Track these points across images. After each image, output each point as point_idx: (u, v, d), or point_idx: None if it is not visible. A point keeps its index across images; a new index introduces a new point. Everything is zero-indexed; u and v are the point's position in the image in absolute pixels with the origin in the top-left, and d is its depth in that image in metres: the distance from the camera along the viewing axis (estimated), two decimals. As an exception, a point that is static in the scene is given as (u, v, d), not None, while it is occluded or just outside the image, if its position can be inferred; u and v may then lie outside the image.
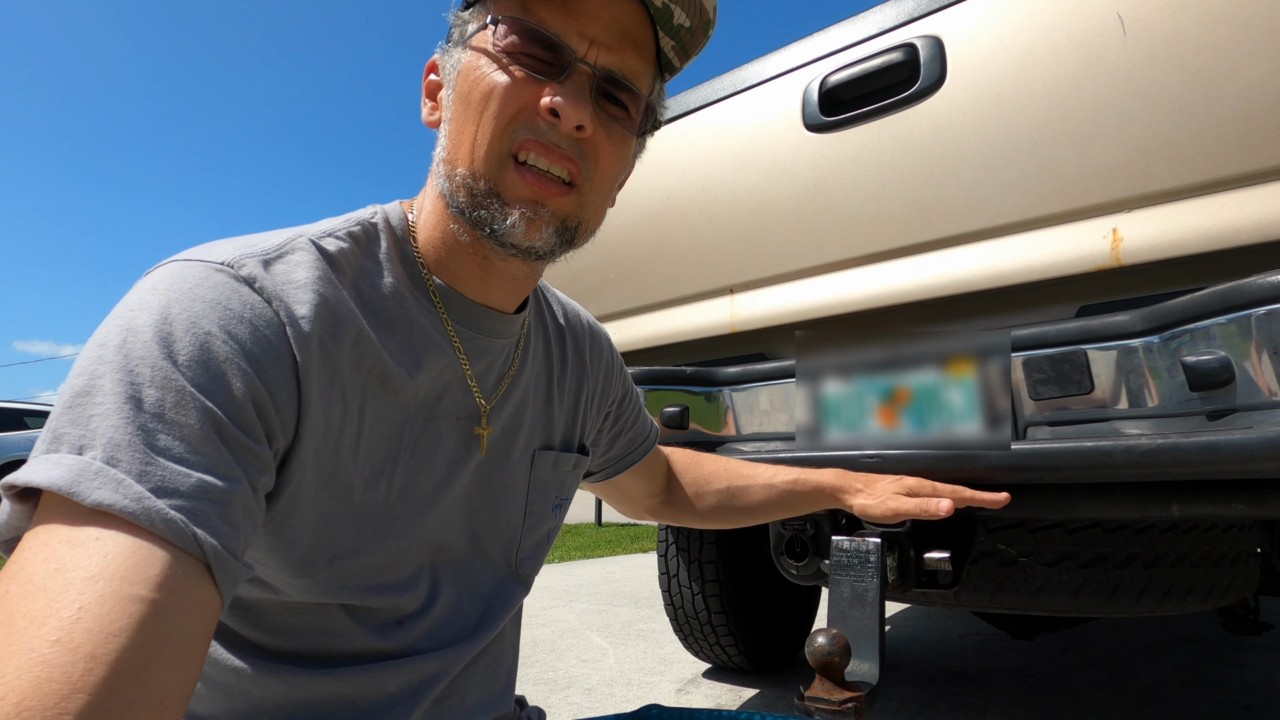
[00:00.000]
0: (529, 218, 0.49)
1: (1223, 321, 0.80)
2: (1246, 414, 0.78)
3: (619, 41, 0.50)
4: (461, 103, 0.50)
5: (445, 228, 0.53)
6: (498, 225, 0.49)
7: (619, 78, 0.51)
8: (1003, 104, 1.05)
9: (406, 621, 0.54)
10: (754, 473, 0.87)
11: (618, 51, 0.50)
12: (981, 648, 2.42)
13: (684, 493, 0.87)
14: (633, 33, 0.51)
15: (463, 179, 0.49)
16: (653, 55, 0.53)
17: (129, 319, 0.40)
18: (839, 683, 0.76)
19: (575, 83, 0.49)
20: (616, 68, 0.50)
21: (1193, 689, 1.90)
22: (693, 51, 0.55)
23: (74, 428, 0.36)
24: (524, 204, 0.49)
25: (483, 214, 0.49)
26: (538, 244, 0.50)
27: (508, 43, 0.49)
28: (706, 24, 0.54)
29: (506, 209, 0.48)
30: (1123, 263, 0.95)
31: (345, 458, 0.49)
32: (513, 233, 0.49)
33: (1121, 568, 1.07)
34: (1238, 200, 0.88)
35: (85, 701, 0.29)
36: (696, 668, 2.26)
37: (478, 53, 0.50)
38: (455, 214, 0.51)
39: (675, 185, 1.40)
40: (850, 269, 1.19)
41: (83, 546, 0.33)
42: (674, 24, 0.52)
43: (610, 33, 0.49)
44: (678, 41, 0.54)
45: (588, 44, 0.49)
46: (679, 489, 0.88)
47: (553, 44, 0.48)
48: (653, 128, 0.57)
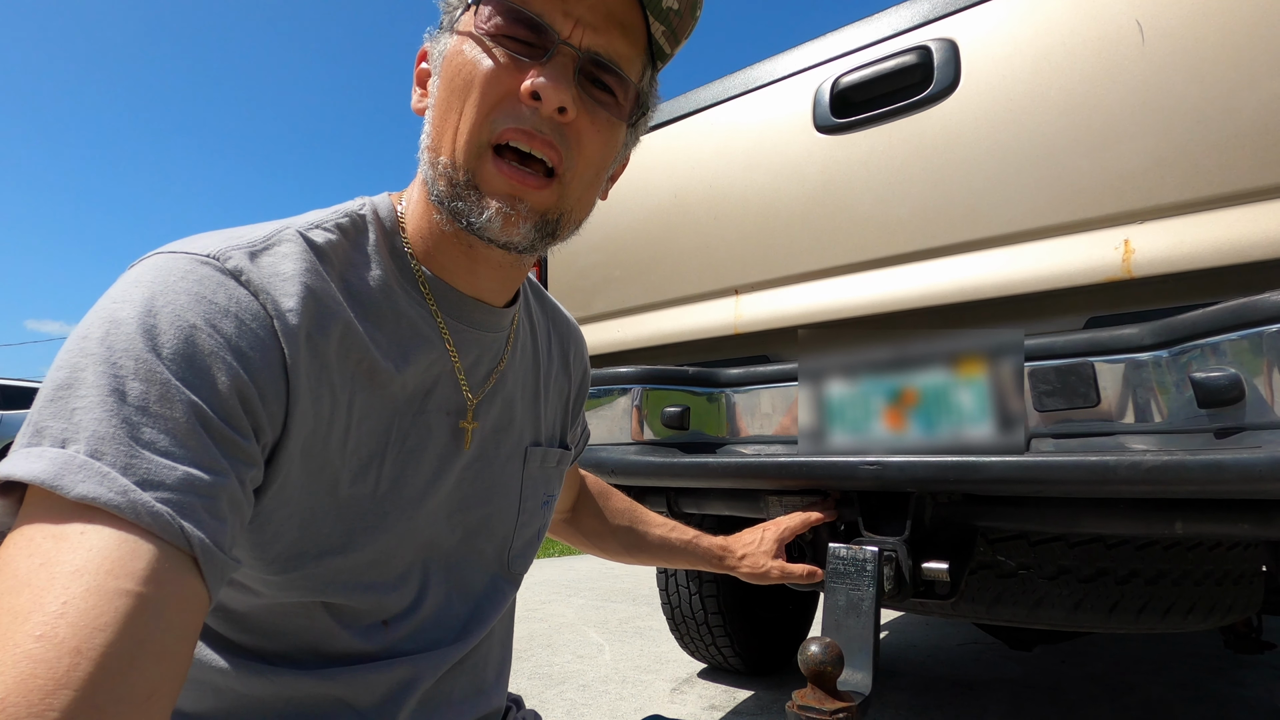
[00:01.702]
0: (505, 213, 0.48)
1: (1234, 338, 0.79)
2: (1255, 433, 0.76)
3: (605, 23, 0.49)
4: (446, 89, 0.49)
5: (430, 217, 0.52)
6: (474, 219, 0.48)
7: (605, 60, 0.49)
8: (1016, 110, 1.03)
9: (392, 622, 0.53)
10: (656, 520, 0.95)
11: (604, 33, 0.49)
12: (979, 657, 2.41)
13: (590, 513, 0.90)
14: (619, 15, 0.50)
15: (444, 168, 0.48)
16: (643, 41, 0.52)
17: (112, 311, 0.39)
18: (831, 692, 0.75)
19: (558, 64, 0.48)
20: (602, 49, 0.49)
21: (1192, 705, 1.88)
22: (682, 36, 0.54)
23: (56, 420, 0.35)
24: (501, 198, 0.48)
25: (460, 205, 0.48)
26: (515, 239, 0.49)
27: (491, 24, 0.48)
28: (693, 4, 0.52)
29: (483, 202, 0.48)
30: (1134, 275, 0.93)
31: (333, 451, 0.48)
32: (489, 227, 0.48)
33: (1123, 584, 1.06)
34: (1253, 215, 0.86)
35: (71, 697, 0.28)
36: (692, 667, 2.26)
37: (463, 37, 0.49)
38: (436, 203, 0.50)
39: (683, 184, 1.39)
40: (857, 273, 1.18)
41: (67, 540, 0.32)
42: (662, 7, 0.51)
43: (596, 13, 0.49)
44: (667, 25, 0.52)
45: (572, 24, 0.48)
46: (586, 509, 0.90)
47: (535, 24, 0.47)
48: (644, 117, 0.56)
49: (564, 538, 0.91)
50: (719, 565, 0.98)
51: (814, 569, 1.00)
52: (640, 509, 0.95)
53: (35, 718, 0.27)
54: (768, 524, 1.03)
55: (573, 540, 0.91)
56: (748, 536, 1.01)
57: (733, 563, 0.98)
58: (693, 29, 0.55)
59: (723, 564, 0.98)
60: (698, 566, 0.97)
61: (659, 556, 0.94)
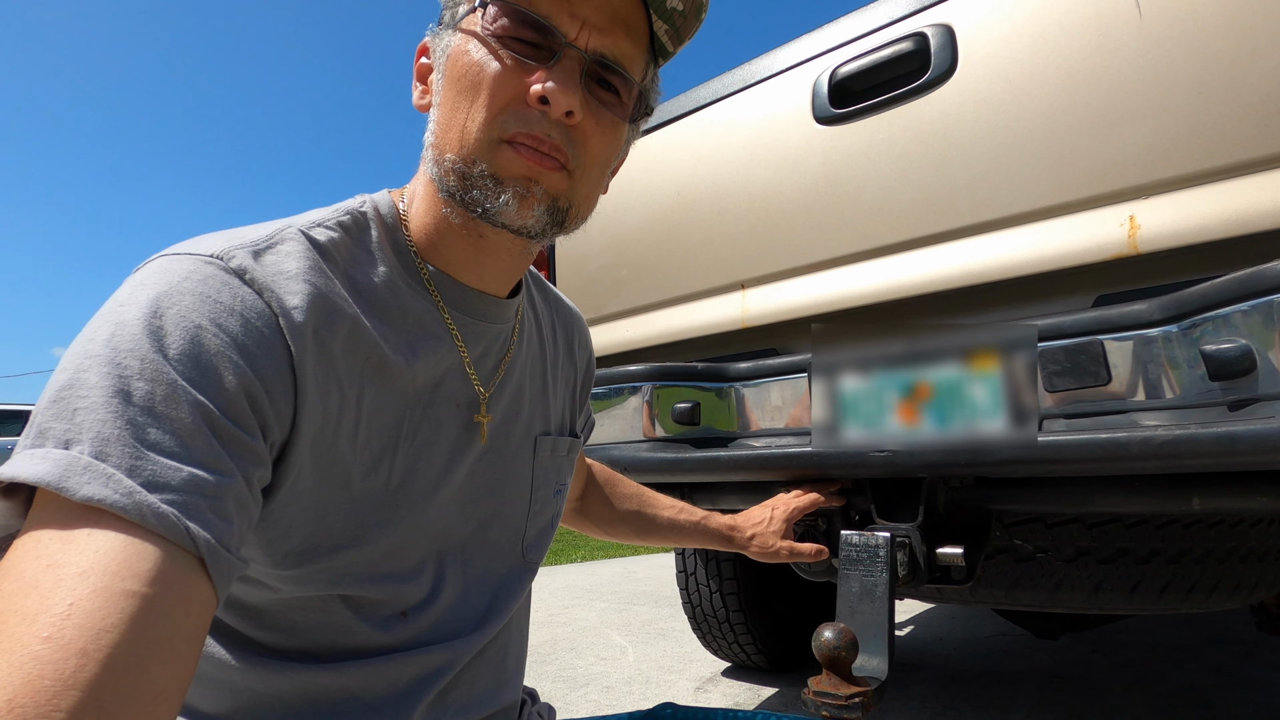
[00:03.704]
0: (521, 195, 0.48)
1: (1244, 308, 0.78)
2: (1269, 403, 0.75)
3: (610, 24, 0.49)
4: (451, 88, 0.50)
5: (437, 212, 0.53)
6: (491, 204, 0.48)
7: (610, 62, 0.50)
8: (1016, 91, 1.03)
9: (411, 613, 0.53)
10: (664, 502, 0.96)
11: (609, 34, 0.49)
12: (1007, 648, 2.38)
13: (598, 499, 0.92)
14: (625, 15, 0.50)
15: (452, 164, 0.49)
16: (645, 39, 0.53)
17: (117, 314, 0.39)
18: (846, 678, 0.75)
19: (565, 67, 0.48)
20: (608, 51, 0.50)
21: (1226, 690, 1.85)
22: (685, 36, 0.55)
23: (59, 421, 0.35)
24: (517, 181, 0.48)
25: (475, 194, 0.48)
26: (529, 222, 0.50)
27: (497, 26, 0.48)
28: (699, 7, 0.53)
29: (500, 187, 0.48)
30: (1140, 251, 0.92)
31: (344, 447, 0.49)
32: (505, 210, 0.48)
33: (1143, 564, 1.04)
34: (1260, 184, 0.85)
35: (77, 698, 0.29)
36: (715, 666, 2.25)
37: (467, 36, 0.50)
38: (446, 198, 0.51)
39: (686, 181, 1.40)
40: (862, 262, 1.17)
41: (74, 542, 0.32)
42: (667, 7, 0.51)
43: (602, 14, 0.49)
44: (670, 25, 0.53)
45: (579, 25, 0.48)
46: (594, 496, 0.91)
47: (542, 27, 0.48)
48: (645, 114, 0.56)
49: (574, 525, 0.91)
50: (728, 544, 0.99)
51: (822, 548, 1.01)
52: (648, 492, 0.96)
53: (42, 719, 0.28)
54: (776, 502, 1.03)
55: (582, 527, 0.92)
56: (756, 515, 1.01)
57: (742, 542, 0.99)
58: (697, 29, 0.55)
59: (731, 543, 0.99)
60: (707, 545, 0.98)
61: (669, 538, 0.95)
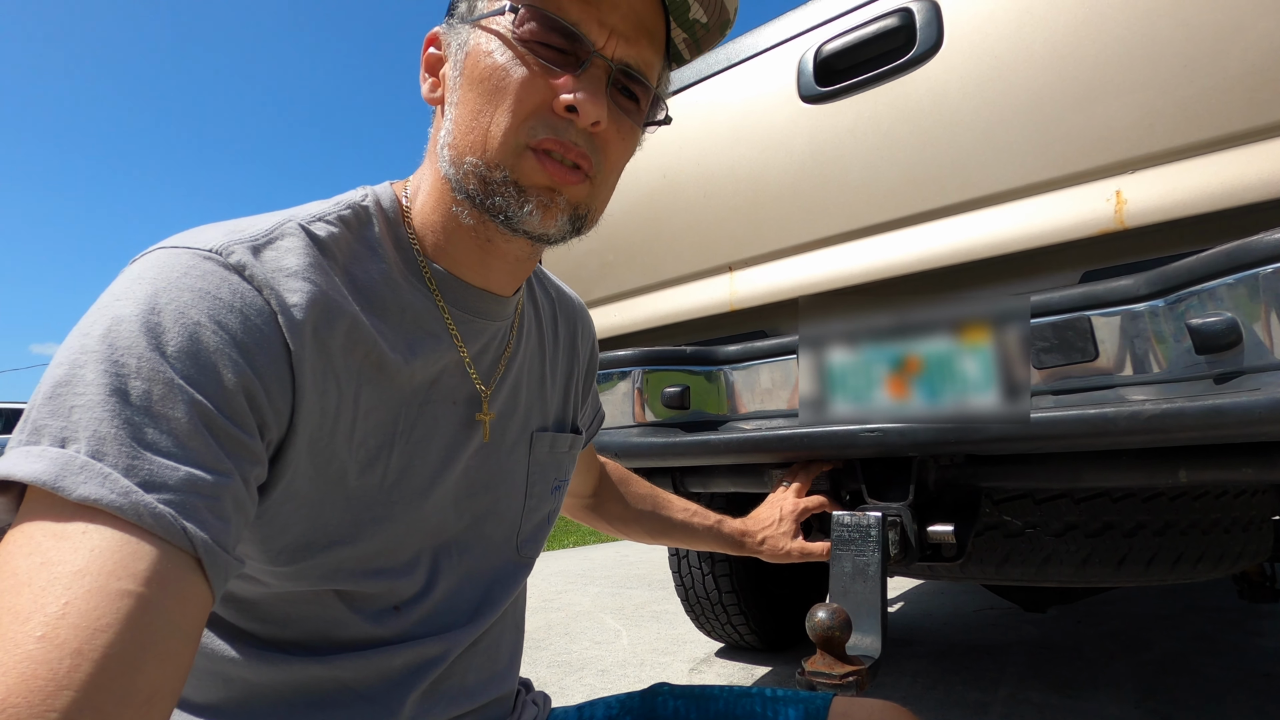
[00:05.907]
0: (545, 205, 0.48)
1: (1229, 282, 0.78)
2: (1254, 376, 0.76)
3: (636, 32, 0.49)
4: (471, 88, 0.49)
5: (447, 210, 0.52)
6: (514, 213, 0.48)
7: (634, 71, 0.50)
8: (1001, 66, 1.02)
9: (404, 607, 0.53)
10: (678, 504, 0.96)
11: (635, 43, 0.50)
12: (995, 621, 2.42)
13: (613, 499, 0.92)
14: (648, 23, 0.50)
15: (473, 167, 0.48)
16: (663, 45, 0.53)
17: (114, 308, 0.39)
18: (840, 656, 0.76)
19: (592, 76, 0.48)
20: (633, 60, 0.50)
21: (1209, 657, 1.89)
22: (705, 47, 0.55)
23: (55, 419, 0.35)
24: (541, 191, 0.48)
25: (497, 200, 0.48)
26: (551, 231, 0.50)
27: (525, 30, 0.47)
28: (725, 24, 0.54)
29: (524, 196, 0.48)
30: (1126, 225, 0.92)
31: (340, 444, 0.48)
32: (529, 220, 0.48)
33: (1130, 536, 1.05)
34: (1245, 157, 0.85)
35: (72, 698, 0.28)
36: (709, 648, 2.28)
37: (490, 35, 0.49)
38: (462, 199, 0.50)
39: (672, 164, 1.39)
40: (849, 242, 1.17)
41: (69, 541, 0.32)
42: (689, 18, 0.52)
43: (629, 22, 0.49)
44: (691, 35, 0.53)
45: (607, 34, 0.48)
46: (609, 495, 0.92)
47: (571, 34, 0.47)
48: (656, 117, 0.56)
49: (589, 523, 0.92)
50: (740, 549, 0.99)
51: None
52: (661, 494, 0.96)
53: (36, 719, 0.28)
54: (783, 503, 1.03)
55: (597, 525, 0.92)
56: (765, 515, 1.01)
57: (754, 546, 0.99)
58: (718, 43, 0.56)
59: (744, 548, 0.99)
60: (719, 550, 0.99)
61: (681, 540, 0.96)
